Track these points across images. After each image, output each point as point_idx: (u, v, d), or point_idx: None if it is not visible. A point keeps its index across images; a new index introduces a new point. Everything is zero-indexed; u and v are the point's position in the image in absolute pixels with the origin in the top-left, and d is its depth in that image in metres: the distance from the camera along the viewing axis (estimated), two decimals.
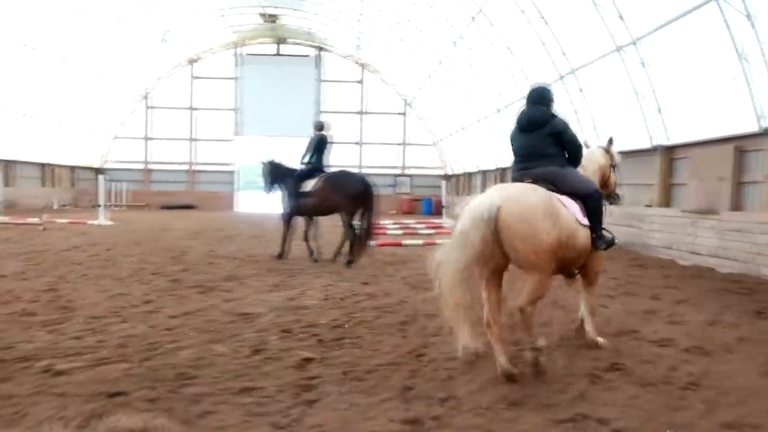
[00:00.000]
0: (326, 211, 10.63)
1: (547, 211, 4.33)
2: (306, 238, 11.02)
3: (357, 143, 34.53)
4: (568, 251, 4.51)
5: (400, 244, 13.89)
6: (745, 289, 8.15)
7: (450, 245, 4.32)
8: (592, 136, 15.55)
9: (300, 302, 6.95)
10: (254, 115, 33.59)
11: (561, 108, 18.83)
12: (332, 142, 11.18)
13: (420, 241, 14.41)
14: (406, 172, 34.89)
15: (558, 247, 4.36)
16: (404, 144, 34.81)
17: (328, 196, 10.27)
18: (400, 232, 17.69)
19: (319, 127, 11.00)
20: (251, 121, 33.72)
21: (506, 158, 24.13)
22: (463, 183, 31.98)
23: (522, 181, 4.88)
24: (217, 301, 6.97)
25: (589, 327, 5.24)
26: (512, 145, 5.23)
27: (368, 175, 11.24)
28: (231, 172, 34.40)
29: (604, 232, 4.89)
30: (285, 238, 10.98)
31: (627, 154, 14.41)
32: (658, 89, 12.93)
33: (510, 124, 22.24)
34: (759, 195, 10.21)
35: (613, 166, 5.92)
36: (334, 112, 34.20)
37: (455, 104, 27.97)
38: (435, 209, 32.28)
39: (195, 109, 33.95)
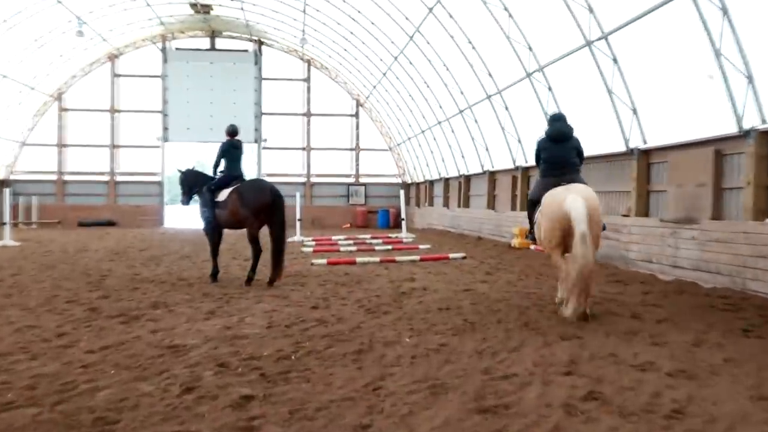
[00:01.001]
0: (236, 225, 10.96)
1: None
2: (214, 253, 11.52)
3: (303, 149, 34.44)
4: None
5: (353, 263, 13.89)
6: (730, 306, 8.42)
7: (580, 230, 7.05)
8: None
9: (239, 331, 6.86)
10: (185, 118, 33.18)
11: (528, 108, 19.08)
12: (270, 148, 11.48)
13: (376, 259, 14.44)
14: (361, 180, 34.97)
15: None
16: (357, 149, 34.90)
17: (236, 208, 10.59)
18: (353, 248, 17.70)
19: (231, 132, 11.32)
20: (181, 125, 33.29)
21: (472, 165, 24.43)
22: (425, 192, 32.22)
23: (562, 183, 7.78)
24: (142, 332, 6.84)
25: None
26: (543, 153, 8.16)
27: (315, 183, 11.42)
28: (158, 183, 33.81)
29: None
30: (214, 255, 11.28)
31: (601, 159, 14.78)
32: (632, 88, 13.30)
33: (473, 125, 22.52)
34: (741, 202, 10.58)
35: None
36: (277, 113, 34.10)
37: (413, 105, 28.22)
38: (393, 222, 32.42)
39: (117, 111, 33.31)
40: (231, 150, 11.21)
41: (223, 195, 10.89)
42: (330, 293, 9.69)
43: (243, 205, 10.50)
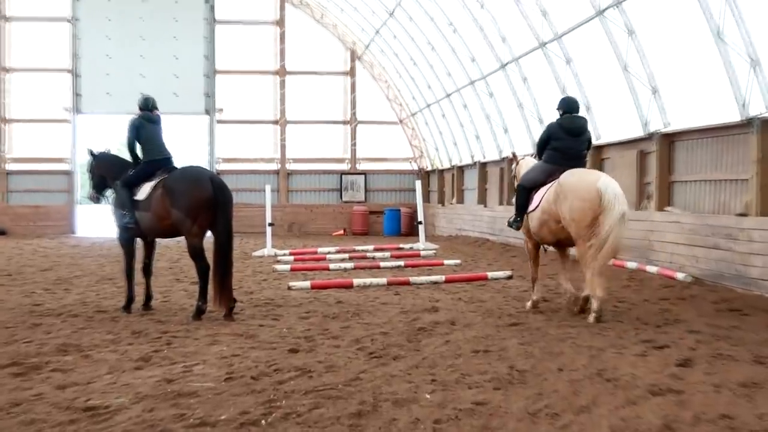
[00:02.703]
0: (168, 232, 11.15)
1: None
2: (146, 272, 11.60)
3: (275, 122, 34.43)
4: None
5: (350, 285, 13.89)
6: None
7: (621, 210, 9.84)
8: (649, 104, 15.82)
9: (185, 386, 6.85)
10: (104, 78, 33.08)
11: (603, 59, 18.88)
12: (228, 122, 11.70)
13: (382, 280, 14.43)
14: (359, 167, 34.92)
15: None
16: (353, 122, 34.88)
17: (164, 209, 10.67)
18: (349, 265, 17.69)
19: (144, 105, 11.70)
20: (100, 90, 33.19)
21: (520, 144, 24.41)
22: (452, 183, 32.02)
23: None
24: (45, 387, 6.82)
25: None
26: (555, 141, 10.92)
27: (293, 172, 11.55)
28: (66, 174, 33.86)
29: None
30: (129, 274, 11.45)
31: (705, 133, 14.70)
32: (751, 30, 13.17)
33: (520, 86, 22.51)
34: None
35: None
36: (238, 71, 34.09)
37: (434, 58, 28.19)
38: (406, 227, 32.33)
39: (7, 70, 33.39)
40: (146, 125, 11.39)
41: (144, 191, 10.96)
42: (316, 330, 9.67)
43: (174, 204, 10.50)
